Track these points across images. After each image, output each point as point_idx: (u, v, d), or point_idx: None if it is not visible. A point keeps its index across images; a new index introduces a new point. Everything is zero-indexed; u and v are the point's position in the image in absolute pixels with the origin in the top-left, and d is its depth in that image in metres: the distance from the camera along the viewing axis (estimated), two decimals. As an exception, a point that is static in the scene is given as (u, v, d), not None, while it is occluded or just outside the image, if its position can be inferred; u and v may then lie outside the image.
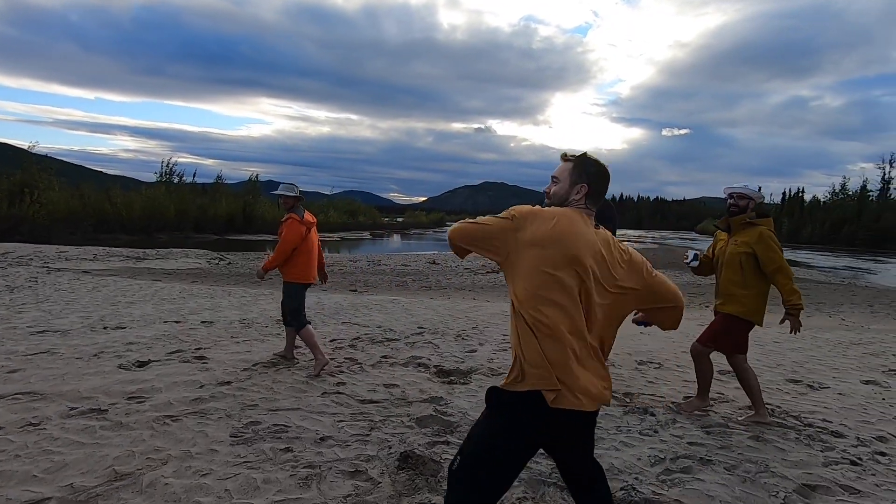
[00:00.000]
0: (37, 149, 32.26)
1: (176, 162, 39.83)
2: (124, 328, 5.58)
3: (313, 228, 4.53)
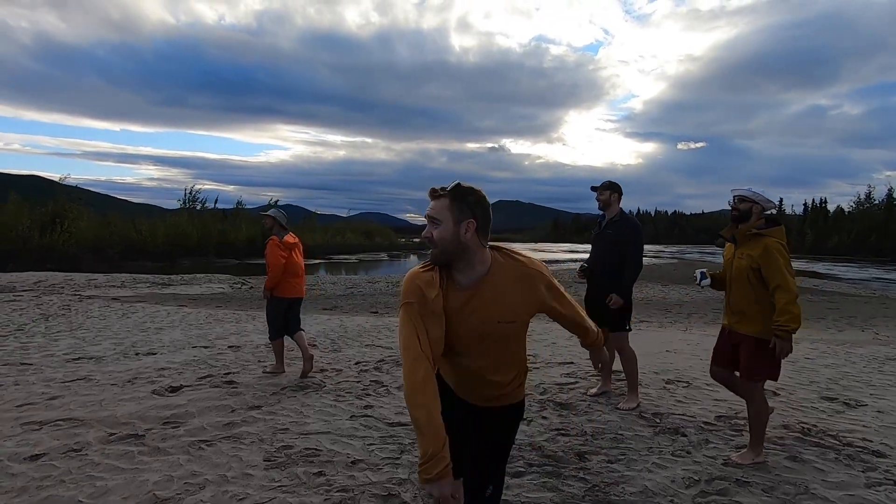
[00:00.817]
0: (67, 180, 33.50)
1: (199, 189, 40.83)
2: (155, 354, 5.71)
3: (295, 249, 4.93)
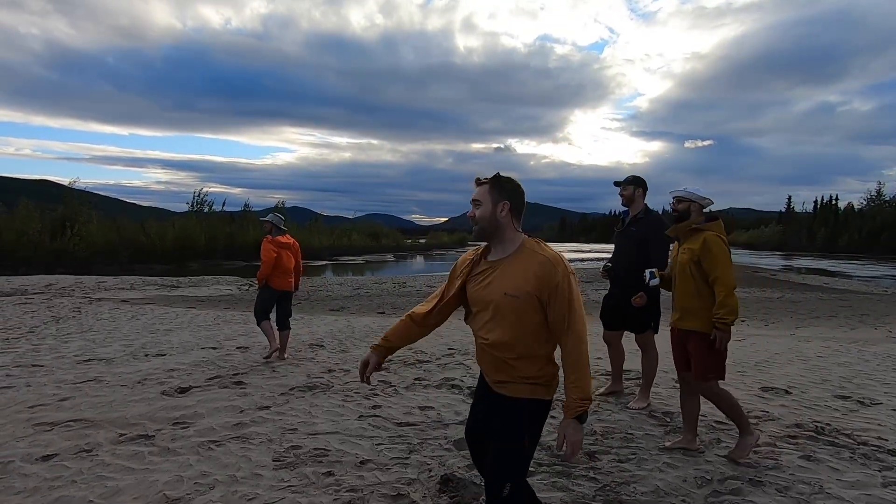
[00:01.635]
0: (77, 184, 33.80)
1: (207, 192, 41.02)
2: (164, 355, 5.75)
3: (290, 249, 5.64)
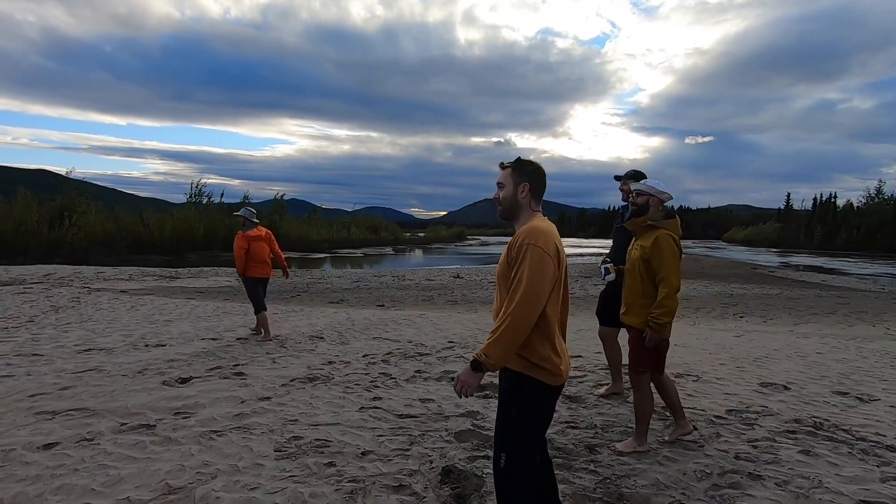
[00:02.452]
0: (73, 174, 33.55)
1: (205, 183, 40.86)
2: (164, 346, 5.75)
3: (262, 240, 6.26)
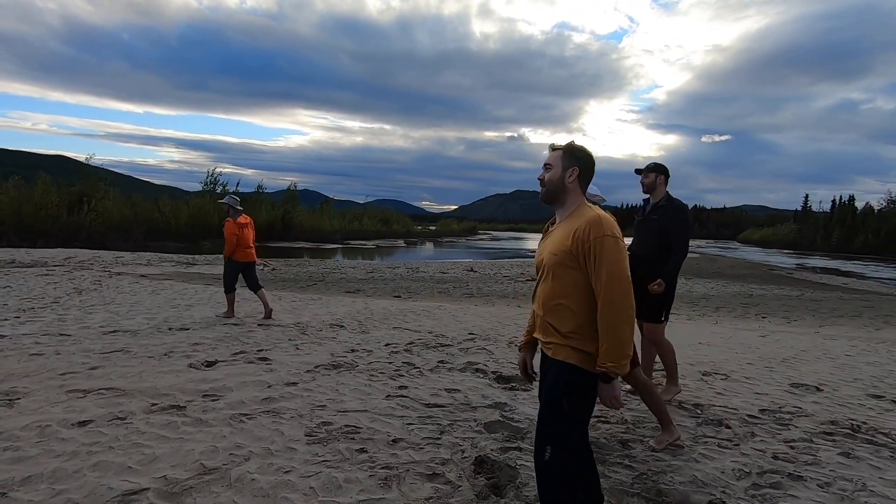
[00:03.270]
0: (92, 161, 33.96)
1: (220, 172, 41.10)
2: (188, 329, 5.79)
3: (248, 227, 6.64)
